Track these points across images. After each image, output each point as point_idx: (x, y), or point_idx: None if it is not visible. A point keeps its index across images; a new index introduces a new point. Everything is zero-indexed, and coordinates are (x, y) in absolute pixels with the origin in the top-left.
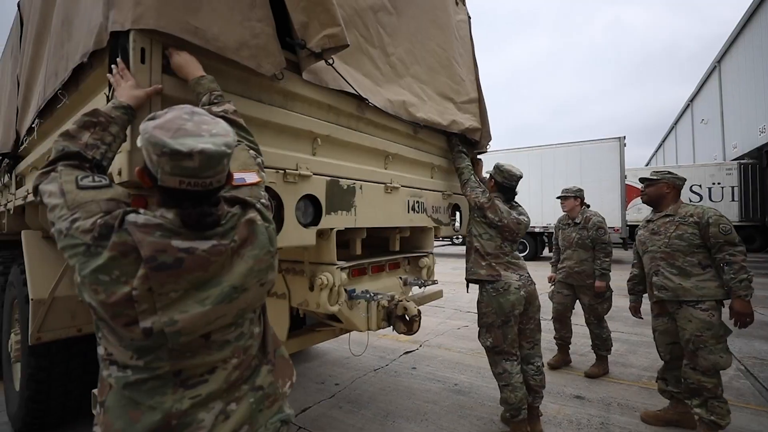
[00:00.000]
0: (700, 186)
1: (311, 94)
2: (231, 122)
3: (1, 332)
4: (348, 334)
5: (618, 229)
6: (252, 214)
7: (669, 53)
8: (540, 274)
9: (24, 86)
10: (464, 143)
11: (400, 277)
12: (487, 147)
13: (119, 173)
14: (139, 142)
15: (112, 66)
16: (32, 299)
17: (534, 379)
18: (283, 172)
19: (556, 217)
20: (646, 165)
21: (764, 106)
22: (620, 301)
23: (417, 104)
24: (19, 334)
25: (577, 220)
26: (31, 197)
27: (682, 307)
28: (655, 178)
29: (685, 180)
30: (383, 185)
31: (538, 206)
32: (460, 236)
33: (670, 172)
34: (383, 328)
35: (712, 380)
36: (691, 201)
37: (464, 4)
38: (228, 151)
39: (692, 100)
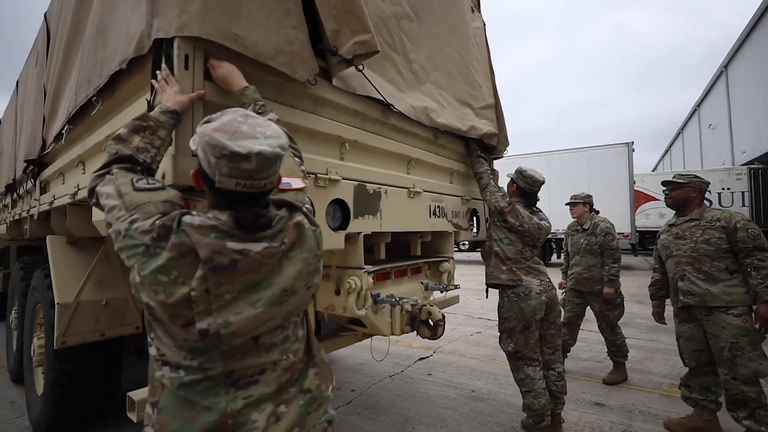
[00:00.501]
0: (709, 191)
1: (340, 99)
2: None
3: (23, 337)
4: (369, 339)
5: (627, 235)
6: (299, 218)
7: (673, 58)
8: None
9: (51, 95)
10: (481, 149)
11: (422, 282)
12: (505, 152)
13: (163, 177)
14: (193, 145)
15: (157, 72)
16: (58, 303)
17: (555, 385)
18: (314, 176)
19: (564, 223)
20: (653, 170)
21: None
22: (633, 307)
23: (438, 110)
24: (43, 339)
25: (586, 226)
26: (63, 201)
27: (713, 314)
28: (681, 181)
29: (709, 183)
30: (406, 190)
31: (546, 212)
32: (466, 242)
33: (696, 176)
34: (406, 332)
35: (755, 389)
36: None
37: (479, 11)
38: (282, 153)
39: (699, 105)
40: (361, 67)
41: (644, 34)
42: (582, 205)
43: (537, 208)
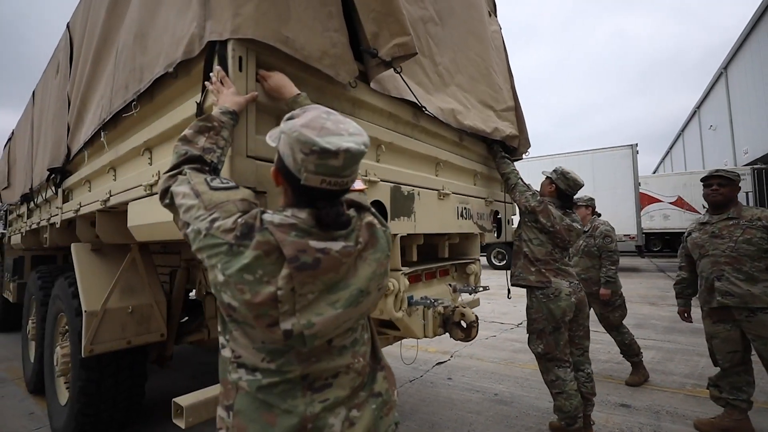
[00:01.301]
0: None
1: (375, 102)
2: None
3: (42, 347)
4: (399, 342)
5: (634, 237)
6: (370, 218)
7: (673, 62)
8: None
9: (79, 103)
10: (503, 150)
11: (449, 284)
12: (526, 154)
13: None
14: (272, 141)
15: (211, 74)
16: (86, 311)
17: (585, 386)
18: None
19: None
20: (654, 172)
21: None
22: (645, 309)
23: (463, 112)
24: (67, 347)
25: (586, 229)
26: (91, 208)
27: (756, 315)
28: (732, 177)
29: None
30: (437, 192)
31: None
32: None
33: (737, 173)
34: (439, 335)
35: None
36: (704, 207)
37: (496, 16)
38: (365, 150)
39: (699, 106)
40: (399, 70)
41: (644, 39)
42: (584, 207)
43: (570, 210)
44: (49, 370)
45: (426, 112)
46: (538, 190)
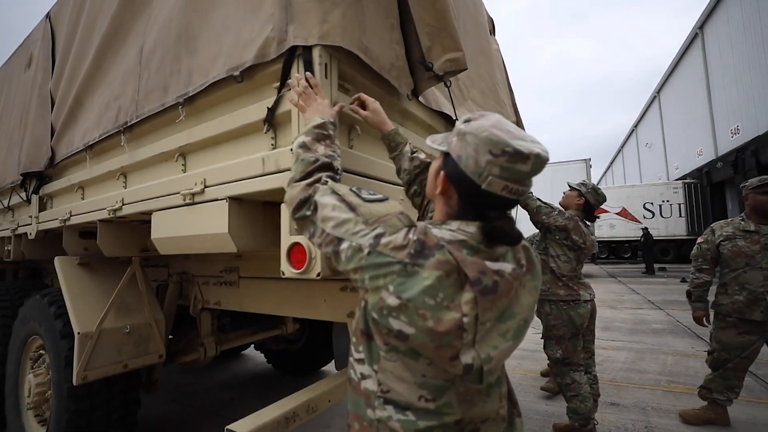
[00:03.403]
0: (652, 203)
1: (419, 113)
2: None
3: (4, 377)
4: None
5: None
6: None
7: (609, 84)
8: None
9: (72, 102)
10: None
11: None
12: None
13: None
14: (440, 145)
15: (290, 81)
16: (78, 333)
17: (592, 388)
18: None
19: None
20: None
21: (700, 132)
22: (606, 312)
23: None
24: (42, 375)
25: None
26: (89, 218)
27: None
28: None
29: None
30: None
31: None
32: None
33: None
34: None
35: None
36: (645, 218)
37: (494, 35)
38: (548, 160)
39: (636, 125)
40: (449, 84)
41: (584, 62)
42: None
43: (591, 222)
44: (13, 403)
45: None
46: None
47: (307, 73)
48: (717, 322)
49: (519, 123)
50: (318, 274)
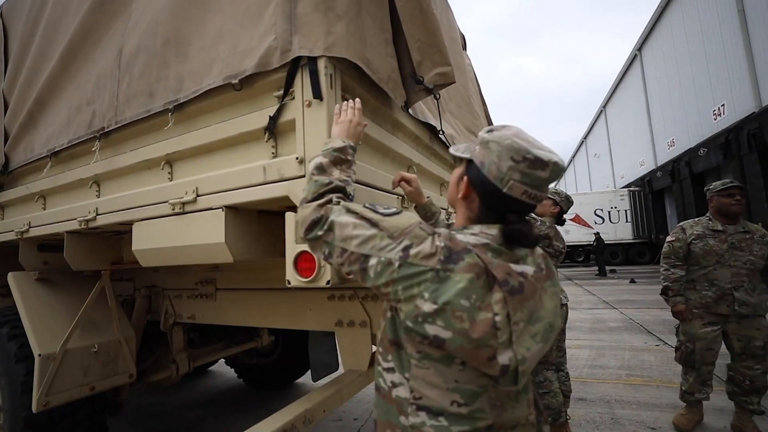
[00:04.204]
0: (602, 210)
1: (408, 124)
2: None
3: None
4: None
5: None
6: (538, 248)
7: (561, 98)
8: None
9: (32, 104)
10: None
11: None
12: None
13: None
14: (463, 153)
15: (344, 103)
16: (39, 355)
17: (565, 385)
18: (400, 198)
19: None
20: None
21: (641, 144)
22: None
23: (456, 137)
24: None
25: None
26: (57, 228)
27: (747, 318)
28: (745, 187)
29: None
30: (444, 210)
31: None
32: None
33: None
34: None
35: None
36: (596, 223)
37: (466, 50)
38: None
39: (585, 137)
40: (438, 96)
41: (537, 77)
42: None
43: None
44: None
45: (441, 136)
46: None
47: (357, 99)
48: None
49: None
50: (328, 282)
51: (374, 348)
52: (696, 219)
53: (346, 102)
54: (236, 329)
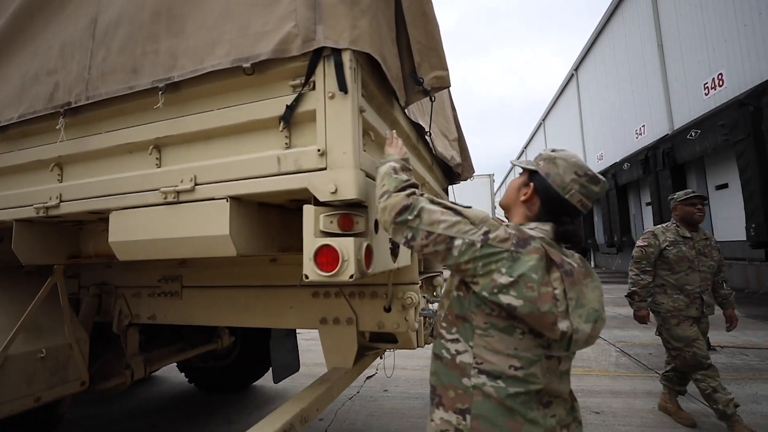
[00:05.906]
0: None
1: (403, 123)
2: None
3: None
4: (379, 358)
5: None
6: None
7: (501, 109)
8: None
9: None
10: (448, 176)
11: (424, 296)
12: (470, 178)
13: (335, 191)
14: (529, 165)
15: (392, 131)
16: None
17: None
18: None
19: None
20: None
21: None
22: None
23: (435, 140)
24: None
25: None
26: (5, 216)
27: (707, 317)
28: (706, 197)
29: None
30: None
31: None
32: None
33: None
34: (430, 343)
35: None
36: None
37: None
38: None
39: (526, 147)
40: (434, 98)
41: (482, 87)
42: None
43: None
44: None
45: (426, 137)
46: None
47: (394, 131)
48: (666, 322)
49: (461, 136)
50: (351, 276)
51: (363, 343)
52: (664, 225)
53: (392, 131)
54: (192, 330)
